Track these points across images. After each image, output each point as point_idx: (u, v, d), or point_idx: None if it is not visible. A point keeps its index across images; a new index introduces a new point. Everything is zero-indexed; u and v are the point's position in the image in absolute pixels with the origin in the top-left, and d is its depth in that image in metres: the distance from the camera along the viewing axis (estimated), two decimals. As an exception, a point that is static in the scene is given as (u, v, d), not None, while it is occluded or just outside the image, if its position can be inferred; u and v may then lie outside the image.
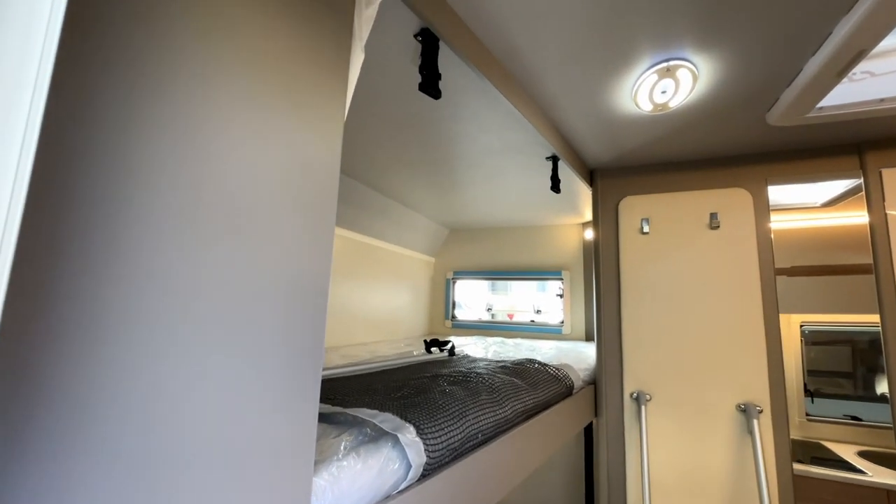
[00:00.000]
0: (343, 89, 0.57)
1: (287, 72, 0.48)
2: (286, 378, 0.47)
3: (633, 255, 1.69)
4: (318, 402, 0.51)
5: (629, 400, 1.62)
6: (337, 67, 0.56)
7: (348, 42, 0.58)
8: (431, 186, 2.12)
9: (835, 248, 2.35)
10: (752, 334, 1.49)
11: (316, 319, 0.51)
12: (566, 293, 2.81)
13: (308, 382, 0.50)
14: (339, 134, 0.56)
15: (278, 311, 0.46)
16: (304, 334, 0.49)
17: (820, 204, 2.17)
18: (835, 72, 0.97)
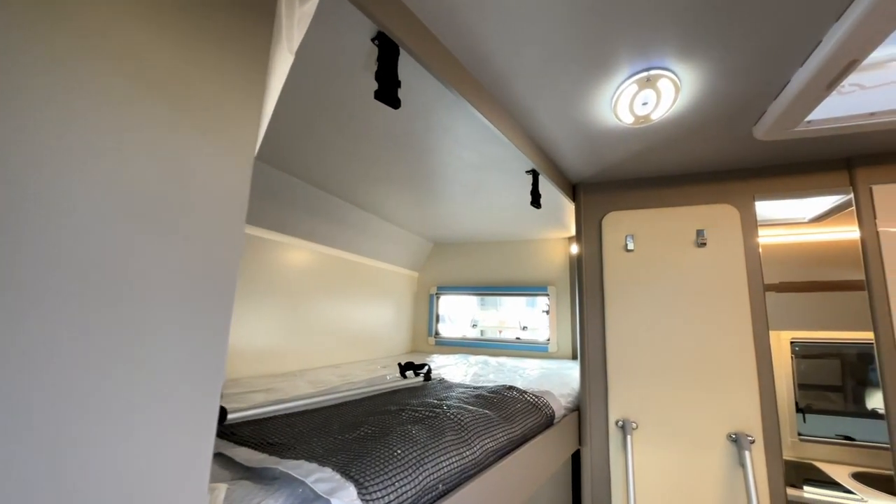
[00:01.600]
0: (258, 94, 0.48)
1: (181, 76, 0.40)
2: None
3: (617, 274, 1.61)
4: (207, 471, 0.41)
5: (615, 428, 1.52)
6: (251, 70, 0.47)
7: (267, 42, 0.49)
8: (412, 200, 2.03)
9: (823, 263, 2.31)
10: (742, 358, 1.41)
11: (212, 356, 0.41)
12: (552, 310, 2.73)
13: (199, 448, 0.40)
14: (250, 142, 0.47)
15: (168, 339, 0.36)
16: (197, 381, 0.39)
17: (808, 219, 2.12)
18: (824, 84, 0.91)
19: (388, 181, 1.73)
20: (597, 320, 1.62)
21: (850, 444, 2.38)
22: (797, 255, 2.36)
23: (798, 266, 2.37)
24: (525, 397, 1.35)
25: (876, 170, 1.36)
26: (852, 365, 2.46)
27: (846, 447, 2.39)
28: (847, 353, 2.47)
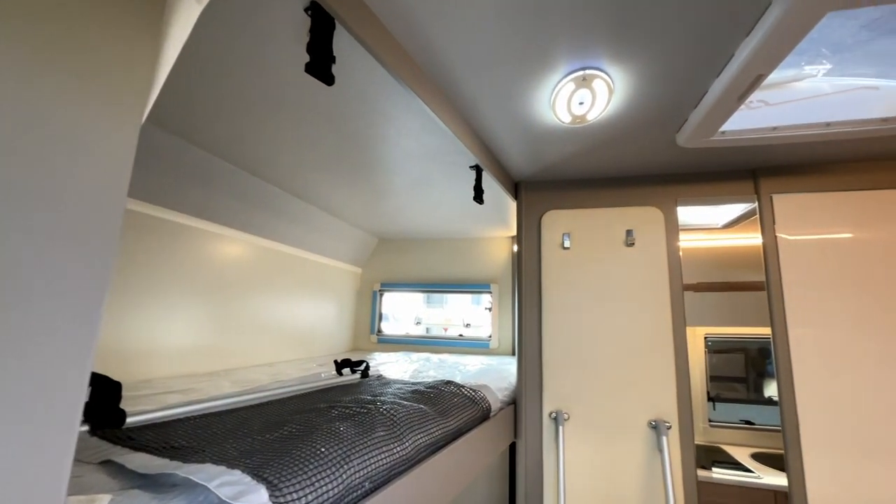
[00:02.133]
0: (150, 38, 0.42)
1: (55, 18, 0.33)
2: None
3: (554, 271, 1.67)
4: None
5: (548, 420, 1.57)
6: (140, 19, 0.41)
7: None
8: (354, 192, 1.96)
9: (733, 266, 2.55)
10: (662, 351, 1.52)
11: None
12: (495, 307, 2.77)
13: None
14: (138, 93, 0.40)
15: None
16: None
17: (721, 225, 2.34)
18: (736, 96, 0.99)
19: (327, 170, 1.65)
20: (534, 315, 1.67)
21: (750, 428, 2.68)
22: (711, 258, 2.60)
23: (712, 268, 2.60)
24: (462, 391, 1.35)
25: (776, 180, 1.52)
26: (754, 358, 2.77)
27: (747, 431, 2.68)
28: (750, 348, 2.78)
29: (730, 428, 2.72)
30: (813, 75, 1.16)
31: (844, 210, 1.45)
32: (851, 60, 1.12)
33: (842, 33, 1.04)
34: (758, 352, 2.80)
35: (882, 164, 1.44)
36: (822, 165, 1.49)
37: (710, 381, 2.80)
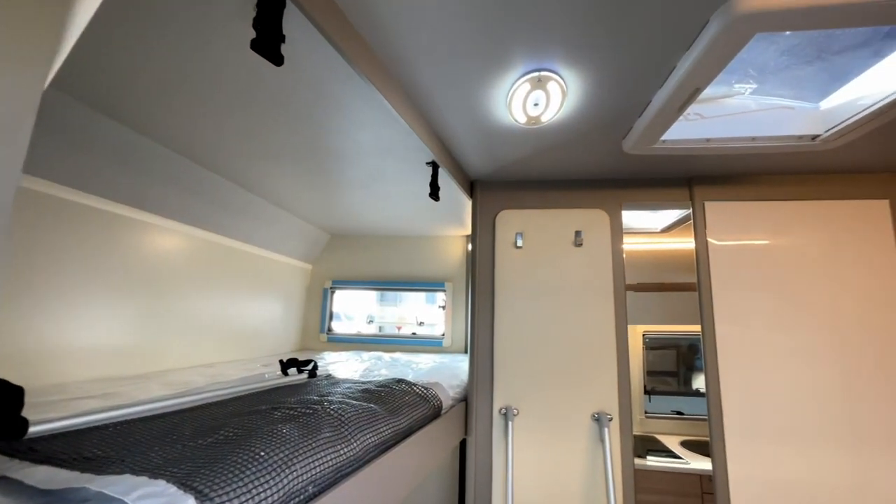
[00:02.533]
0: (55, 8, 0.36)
1: None
2: None
3: (507, 269, 1.70)
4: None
5: (498, 416, 1.59)
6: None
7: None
8: (306, 184, 1.88)
9: (670, 268, 2.74)
10: (606, 347, 1.59)
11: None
12: (448, 305, 2.78)
13: None
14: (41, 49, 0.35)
15: None
16: None
17: (659, 230, 2.51)
18: (676, 107, 1.06)
19: (276, 159, 1.57)
20: (487, 313, 1.69)
21: (680, 418, 2.91)
22: (650, 261, 2.77)
23: (651, 269, 2.78)
24: (414, 389, 1.34)
25: (709, 189, 1.64)
26: (685, 354, 3.02)
27: (678, 420, 2.91)
28: (682, 345, 3.03)
29: (663, 418, 2.93)
30: (741, 93, 1.26)
31: (765, 218, 1.59)
32: (773, 82, 1.24)
33: (765, 57, 1.14)
34: (688, 348, 3.05)
35: (798, 177, 1.61)
36: (748, 176, 1.63)
37: (647, 376, 3.00)
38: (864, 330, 1.47)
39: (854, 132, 1.18)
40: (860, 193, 1.56)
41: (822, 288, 1.52)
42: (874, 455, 1.40)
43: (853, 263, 1.52)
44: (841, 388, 1.45)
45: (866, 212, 1.54)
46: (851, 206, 1.55)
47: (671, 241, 2.69)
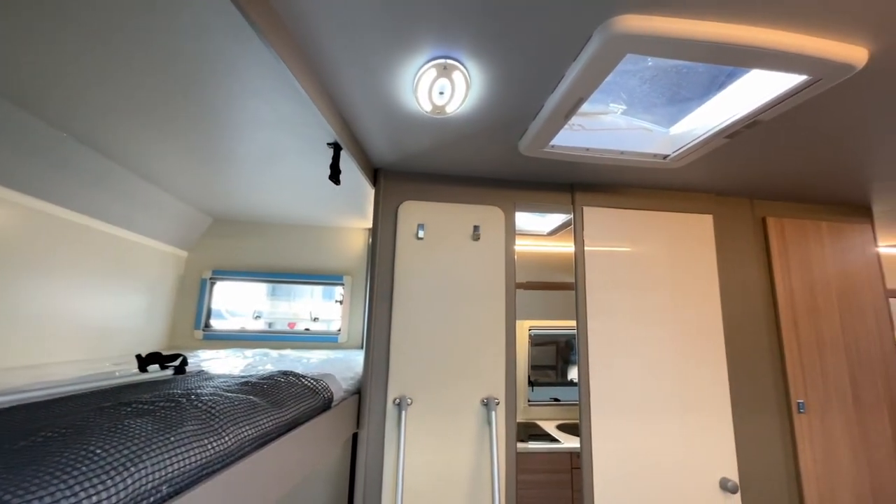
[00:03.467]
0: None
1: None
2: None
3: (407, 260, 1.70)
4: None
5: (392, 406, 1.58)
6: None
7: None
8: (184, 156, 1.64)
9: (554, 269, 3.04)
10: (496, 337, 1.69)
11: None
12: (346, 300, 2.68)
13: None
14: None
15: None
16: None
17: (546, 233, 2.77)
18: (563, 113, 1.17)
19: (145, 119, 1.34)
20: (385, 302, 1.67)
21: (557, 404, 3.25)
22: (537, 261, 3.04)
23: (537, 269, 3.05)
24: (302, 381, 1.25)
25: (587, 195, 1.86)
26: (563, 349, 3.41)
27: (555, 406, 3.24)
28: (561, 341, 3.42)
29: (543, 405, 3.25)
30: (615, 112, 1.46)
31: (628, 225, 1.86)
32: (637, 107, 1.45)
33: (632, 83, 1.33)
34: (566, 343, 3.46)
35: (653, 191, 1.91)
36: (617, 187, 1.89)
37: (531, 369, 3.31)
38: (692, 323, 1.81)
39: (690, 156, 1.45)
40: (693, 208, 1.92)
41: (665, 287, 1.83)
42: (698, 420, 1.72)
43: (686, 266, 1.86)
44: (675, 370, 1.75)
45: (696, 224, 1.91)
46: (688, 218, 1.90)
47: (556, 245, 2.99)
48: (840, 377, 1.87)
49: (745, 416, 1.77)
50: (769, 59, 0.91)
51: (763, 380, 1.83)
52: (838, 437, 1.80)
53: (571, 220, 1.88)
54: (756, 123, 1.21)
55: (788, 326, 1.88)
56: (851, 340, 1.92)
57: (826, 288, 1.95)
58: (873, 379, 1.89)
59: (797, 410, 1.79)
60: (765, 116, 1.16)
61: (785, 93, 1.05)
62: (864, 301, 1.97)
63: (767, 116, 1.16)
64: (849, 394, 1.85)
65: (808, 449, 1.77)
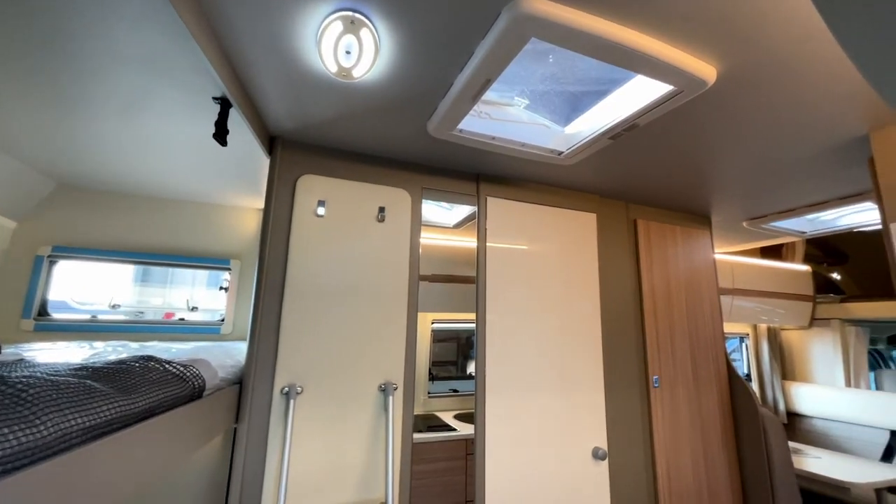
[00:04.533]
0: None
1: None
2: None
3: (304, 238, 1.58)
4: None
5: (279, 396, 1.44)
6: None
7: None
8: (16, 93, 1.29)
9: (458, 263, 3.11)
10: (397, 322, 1.66)
11: None
12: (233, 286, 2.40)
13: None
14: None
15: None
16: None
17: (452, 225, 2.83)
18: (470, 95, 1.19)
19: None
20: (276, 283, 1.52)
21: (455, 395, 3.34)
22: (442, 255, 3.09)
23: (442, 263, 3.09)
24: (165, 367, 1.07)
25: (491, 186, 1.94)
26: (463, 346, 3.53)
27: (453, 397, 3.33)
28: (461, 336, 3.53)
29: (442, 397, 3.31)
30: (519, 105, 1.54)
31: (526, 219, 1.98)
32: (538, 103, 1.55)
33: (533, 80, 1.42)
34: (466, 340, 3.59)
35: (550, 188, 2.07)
36: (519, 181, 2.00)
37: (433, 365, 3.37)
38: (576, 312, 1.99)
39: (580, 154, 1.60)
40: (581, 206, 2.12)
41: (555, 280, 1.98)
42: (577, 398, 1.90)
43: (574, 260, 2.04)
44: (560, 355, 1.91)
45: (584, 221, 2.11)
46: (577, 215, 2.10)
47: (460, 240, 3.07)
48: (684, 358, 2.23)
49: (614, 393, 2.00)
50: (646, 64, 1.03)
51: (629, 360, 2.09)
52: (682, 407, 2.14)
53: (476, 214, 1.93)
54: (634, 127, 1.37)
55: (649, 315, 2.18)
56: (693, 328, 2.30)
57: (677, 283, 2.32)
58: (707, 359, 2.30)
59: (653, 386, 2.09)
60: (641, 121, 1.33)
61: (655, 100, 1.21)
62: (703, 296, 2.39)
63: (643, 121, 1.33)
64: (690, 371, 2.22)
65: (660, 418, 2.07)
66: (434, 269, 3.09)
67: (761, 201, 2.24)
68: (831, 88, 1.21)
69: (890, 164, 1.38)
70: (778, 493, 2.06)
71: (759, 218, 2.49)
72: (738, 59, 1.08)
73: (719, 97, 1.25)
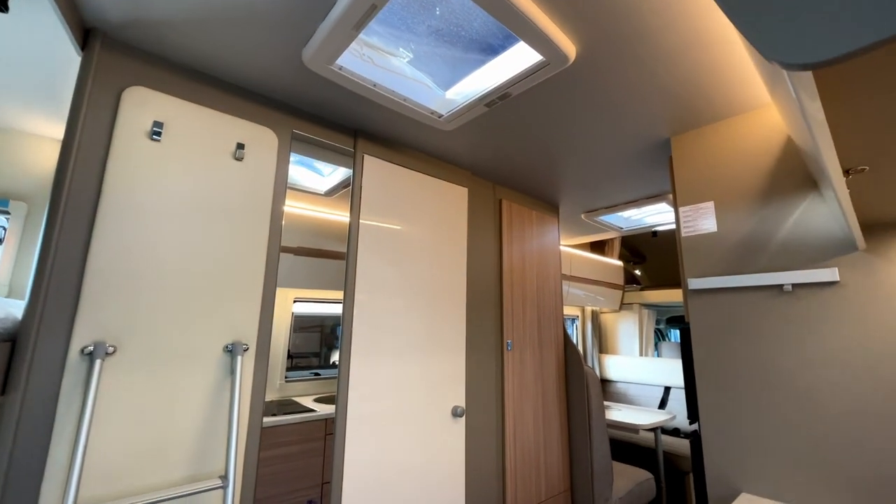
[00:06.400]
0: None
1: None
2: None
3: (131, 166, 1.26)
4: None
5: (77, 358, 1.12)
6: None
7: None
8: None
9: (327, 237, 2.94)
10: (252, 275, 1.46)
11: None
12: (12, 234, 1.79)
13: None
14: None
15: None
16: None
17: (324, 192, 2.65)
18: (353, 21, 1.12)
19: None
20: (83, 215, 1.17)
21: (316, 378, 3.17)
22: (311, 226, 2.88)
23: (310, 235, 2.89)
24: None
25: (369, 144, 1.87)
26: (327, 336, 3.36)
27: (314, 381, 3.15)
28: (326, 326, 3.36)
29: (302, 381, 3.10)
30: (403, 58, 1.51)
31: (403, 185, 1.97)
32: (422, 60, 1.56)
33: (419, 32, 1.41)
34: (331, 329, 3.44)
35: (429, 157, 2.09)
36: (398, 144, 1.98)
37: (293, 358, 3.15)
38: (444, 282, 2.07)
39: (457, 119, 1.66)
40: (456, 179, 2.22)
41: (426, 250, 2.02)
42: (440, 362, 1.97)
43: (445, 231, 2.12)
44: (427, 321, 1.96)
45: (457, 195, 2.21)
46: (452, 188, 2.18)
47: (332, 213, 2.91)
48: (532, 324, 2.52)
49: (473, 355, 2.14)
50: (524, 25, 1.12)
51: (487, 326, 2.27)
52: (528, 367, 2.42)
53: (350, 180, 1.84)
54: (507, 96, 1.48)
55: (507, 286, 2.41)
56: (540, 299, 2.62)
57: (530, 261, 2.61)
58: (549, 327, 2.64)
59: (506, 349, 2.30)
60: (513, 90, 1.44)
61: (526, 70, 1.33)
62: (549, 273, 2.74)
63: (514, 91, 1.45)
64: (536, 336, 2.52)
65: (510, 377, 2.30)
66: (301, 242, 2.86)
67: (595, 196, 2.68)
68: (644, 96, 1.51)
69: (684, 163, 1.80)
70: (594, 434, 2.50)
71: (593, 211, 2.99)
72: (591, 43, 1.26)
73: (570, 79, 1.44)
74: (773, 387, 1.45)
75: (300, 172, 2.48)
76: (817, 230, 1.43)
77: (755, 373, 1.50)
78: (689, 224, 1.74)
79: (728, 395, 1.55)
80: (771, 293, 1.50)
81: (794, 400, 1.40)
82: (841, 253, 1.37)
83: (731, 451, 1.52)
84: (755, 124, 1.61)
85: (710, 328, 1.63)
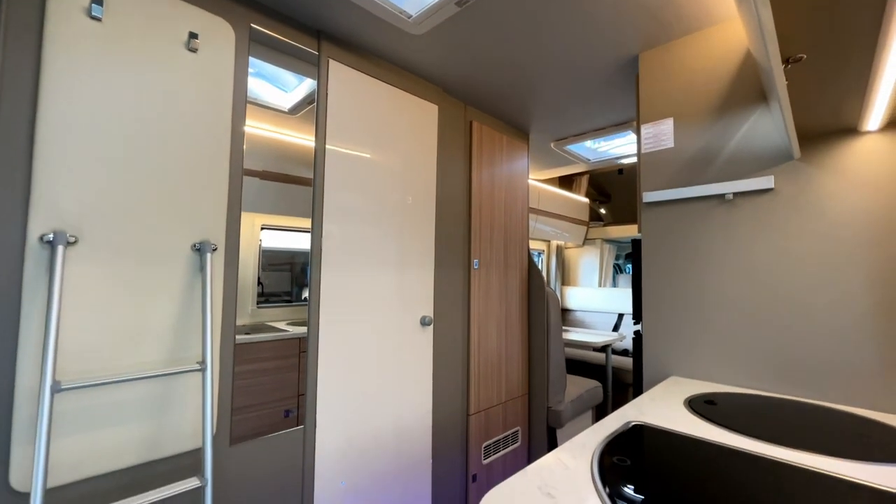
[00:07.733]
0: None
1: None
2: None
3: (71, 46, 1.16)
4: None
5: (36, 245, 1.10)
6: None
7: None
8: None
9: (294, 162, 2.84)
10: (216, 177, 1.44)
11: None
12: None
13: None
14: None
15: None
16: None
17: (287, 109, 2.53)
18: None
19: None
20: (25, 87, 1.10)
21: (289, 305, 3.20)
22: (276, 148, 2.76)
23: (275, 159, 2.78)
24: None
25: (335, 48, 1.78)
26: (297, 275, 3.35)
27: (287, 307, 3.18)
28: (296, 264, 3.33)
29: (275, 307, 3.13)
30: (368, -56, 1.41)
31: (372, 98, 1.91)
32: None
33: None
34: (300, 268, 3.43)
35: (401, 71, 2.02)
36: (366, 52, 1.89)
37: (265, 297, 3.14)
38: (415, 201, 2.09)
39: (427, 22, 1.60)
40: (426, 95, 2.17)
41: (396, 169, 2.01)
42: (408, 272, 2.05)
43: (414, 153, 2.11)
44: (396, 239, 2.00)
45: (427, 111, 2.17)
46: (422, 104, 2.14)
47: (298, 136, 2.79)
48: (499, 247, 2.63)
49: (441, 271, 2.24)
50: None
51: (455, 245, 2.35)
52: (493, 285, 2.55)
53: (315, 94, 1.76)
54: (478, -7, 1.43)
55: (476, 209, 2.46)
56: (508, 223, 2.71)
57: (500, 185, 2.66)
58: (515, 250, 2.76)
59: (473, 267, 2.41)
60: (484, -14, 1.39)
61: (499, -40, 1.28)
62: (517, 200, 2.82)
63: (485, -14, 1.40)
64: (502, 258, 2.64)
65: (476, 293, 2.43)
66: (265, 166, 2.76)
67: (564, 123, 2.70)
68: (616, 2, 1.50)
69: (649, 81, 1.83)
70: (551, 346, 2.73)
71: (563, 139, 3.03)
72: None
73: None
74: (705, 287, 1.63)
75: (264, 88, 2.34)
76: (762, 141, 1.53)
77: (692, 275, 1.66)
78: (648, 141, 1.81)
79: (667, 293, 1.72)
80: (714, 202, 1.63)
81: (723, 298, 1.59)
82: (779, 162, 1.49)
83: (665, 340, 1.72)
84: (719, 38, 1.65)
85: (658, 237, 1.76)
